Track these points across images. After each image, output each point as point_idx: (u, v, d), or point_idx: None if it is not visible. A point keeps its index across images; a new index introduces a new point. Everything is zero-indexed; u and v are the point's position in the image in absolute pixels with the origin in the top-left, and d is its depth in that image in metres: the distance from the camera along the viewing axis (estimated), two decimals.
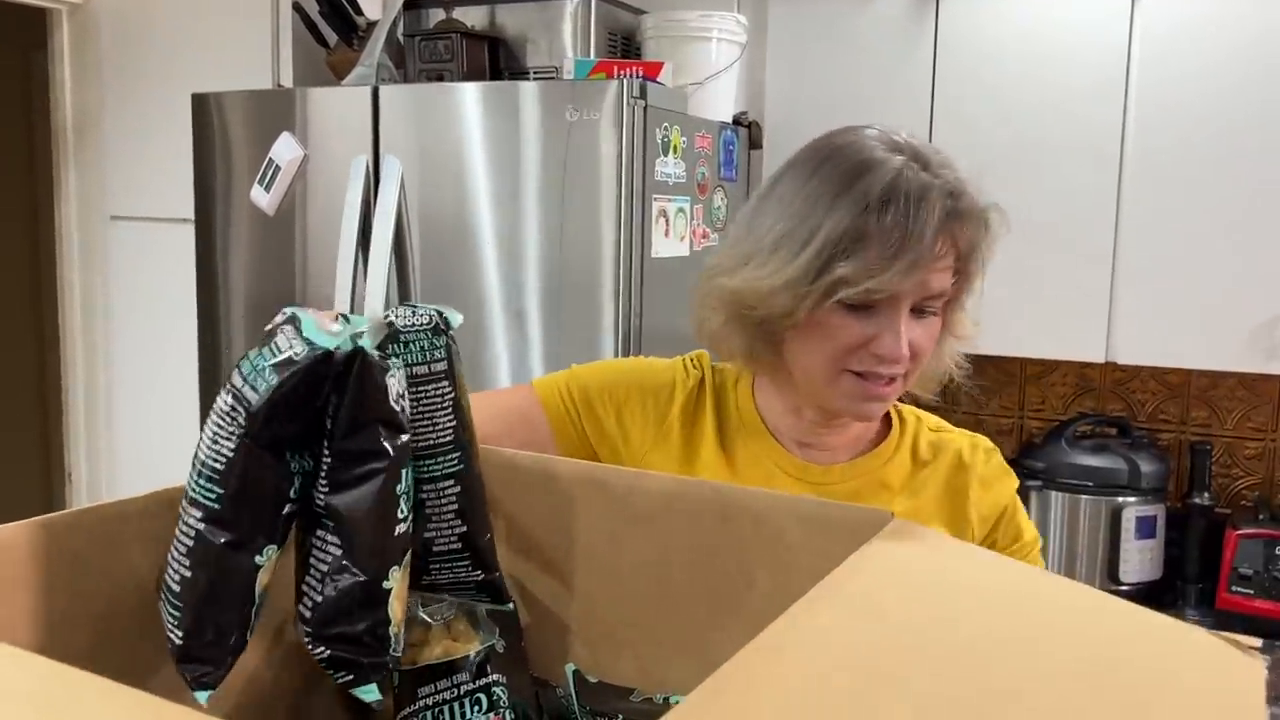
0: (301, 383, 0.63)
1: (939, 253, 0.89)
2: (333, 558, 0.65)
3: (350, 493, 0.64)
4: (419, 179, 2.02)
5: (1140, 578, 2.15)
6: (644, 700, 0.73)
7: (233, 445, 0.63)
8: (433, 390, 0.71)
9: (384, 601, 0.65)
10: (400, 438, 0.66)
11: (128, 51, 2.61)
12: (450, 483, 0.72)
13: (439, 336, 0.71)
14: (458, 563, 0.73)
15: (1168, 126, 2.05)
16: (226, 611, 0.64)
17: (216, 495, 0.63)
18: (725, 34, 2.22)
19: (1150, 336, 2.10)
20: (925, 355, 0.94)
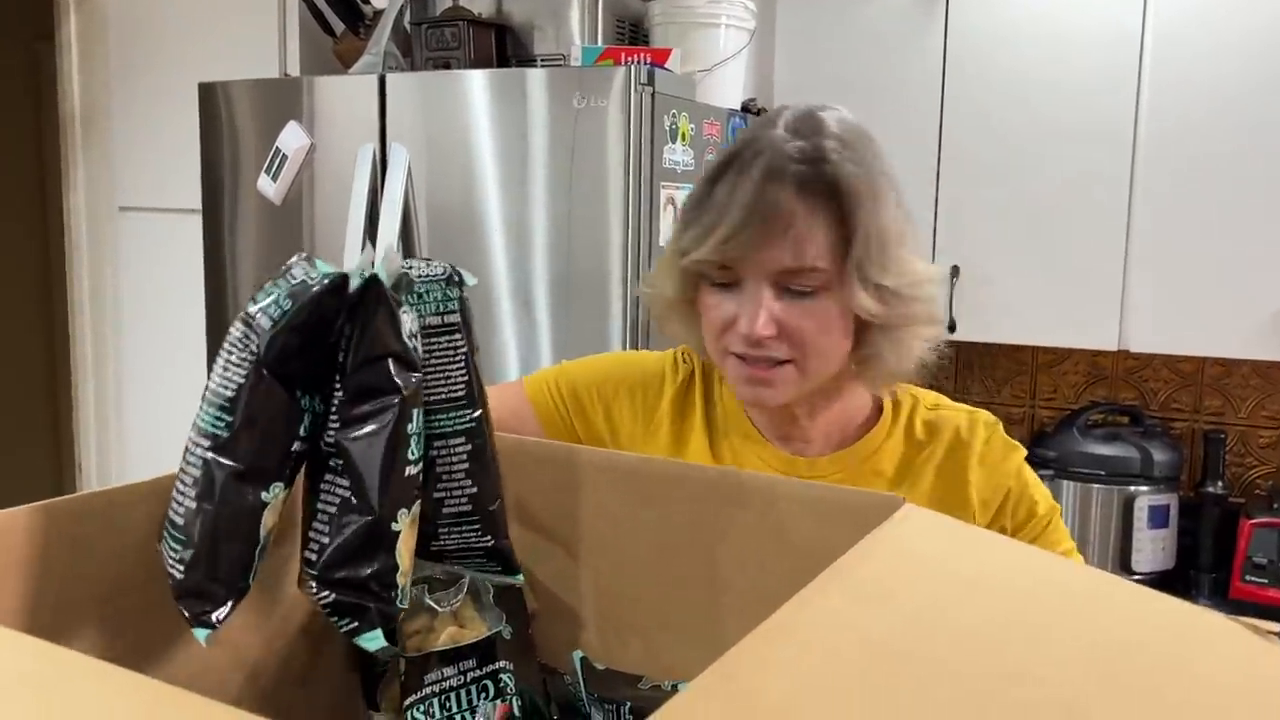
0: (315, 310, 0.62)
1: (783, 223, 0.85)
2: (340, 499, 0.63)
3: (360, 429, 0.63)
4: (426, 167, 2.01)
5: (1153, 567, 2.14)
6: (652, 687, 0.72)
7: (244, 372, 0.62)
8: (445, 342, 0.70)
9: (393, 545, 0.63)
10: (412, 376, 0.64)
11: (135, 41, 2.61)
12: (462, 440, 0.70)
13: (452, 288, 0.71)
14: (467, 527, 0.71)
15: (1181, 112, 2.03)
16: (230, 545, 0.62)
17: (226, 423, 0.62)
18: (734, 20, 2.21)
19: (1163, 324, 2.08)
20: (809, 339, 0.89)
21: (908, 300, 0.89)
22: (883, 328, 0.89)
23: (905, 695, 0.43)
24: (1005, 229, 2.17)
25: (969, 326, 2.22)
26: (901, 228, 0.90)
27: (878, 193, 0.87)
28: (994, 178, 2.17)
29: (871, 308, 0.87)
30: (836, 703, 0.42)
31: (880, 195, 0.88)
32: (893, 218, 0.88)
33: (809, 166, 0.86)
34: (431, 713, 0.72)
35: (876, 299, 0.87)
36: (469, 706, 0.73)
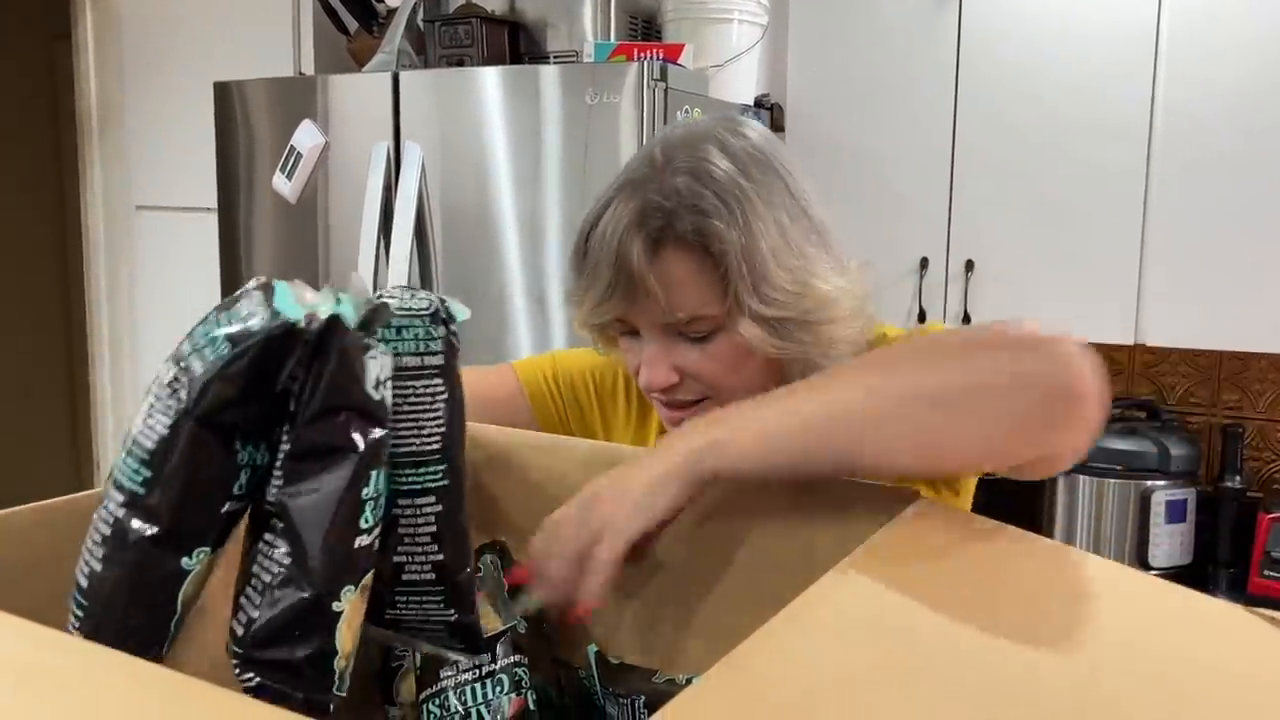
0: (259, 357, 0.53)
1: (647, 285, 0.81)
2: (279, 568, 0.54)
3: (306, 490, 0.54)
4: (440, 164, 2.02)
5: (1170, 562, 2.13)
6: (666, 681, 0.72)
7: (169, 422, 0.54)
8: (422, 388, 0.60)
9: (333, 626, 0.55)
10: (374, 432, 0.55)
11: (150, 40, 2.63)
12: (430, 500, 0.61)
13: (437, 326, 0.61)
14: (428, 597, 0.62)
15: (1196, 105, 2.02)
16: (137, 618, 0.54)
17: (144, 479, 0.54)
18: (746, 15, 2.21)
19: (1180, 318, 2.07)
20: (716, 380, 0.85)
21: (812, 325, 0.84)
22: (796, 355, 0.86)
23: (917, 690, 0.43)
24: (1019, 224, 2.16)
25: (984, 320, 2.21)
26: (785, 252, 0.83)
27: (746, 223, 0.81)
28: (1008, 172, 2.16)
29: (771, 342, 0.83)
30: (848, 697, 0.42)
31: (749, 226, 0.81)
32: (774, 244, 0.82)
33: (664, 221, 0.81)
34: (447, 706, 0.72)
35: (773, 333, 0.83)
36: (484, 700, 0.73)
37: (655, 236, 0.81)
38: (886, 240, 2.26)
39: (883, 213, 2.27)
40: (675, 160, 0.83)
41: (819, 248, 0.86)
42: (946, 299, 2.23)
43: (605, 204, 0.85)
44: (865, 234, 2.28)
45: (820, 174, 2.38)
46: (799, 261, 0.83)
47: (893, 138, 2.25)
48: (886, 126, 2.26)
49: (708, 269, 0.82)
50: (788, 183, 0.86)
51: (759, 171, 0.84)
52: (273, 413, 0.55)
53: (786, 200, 0.84)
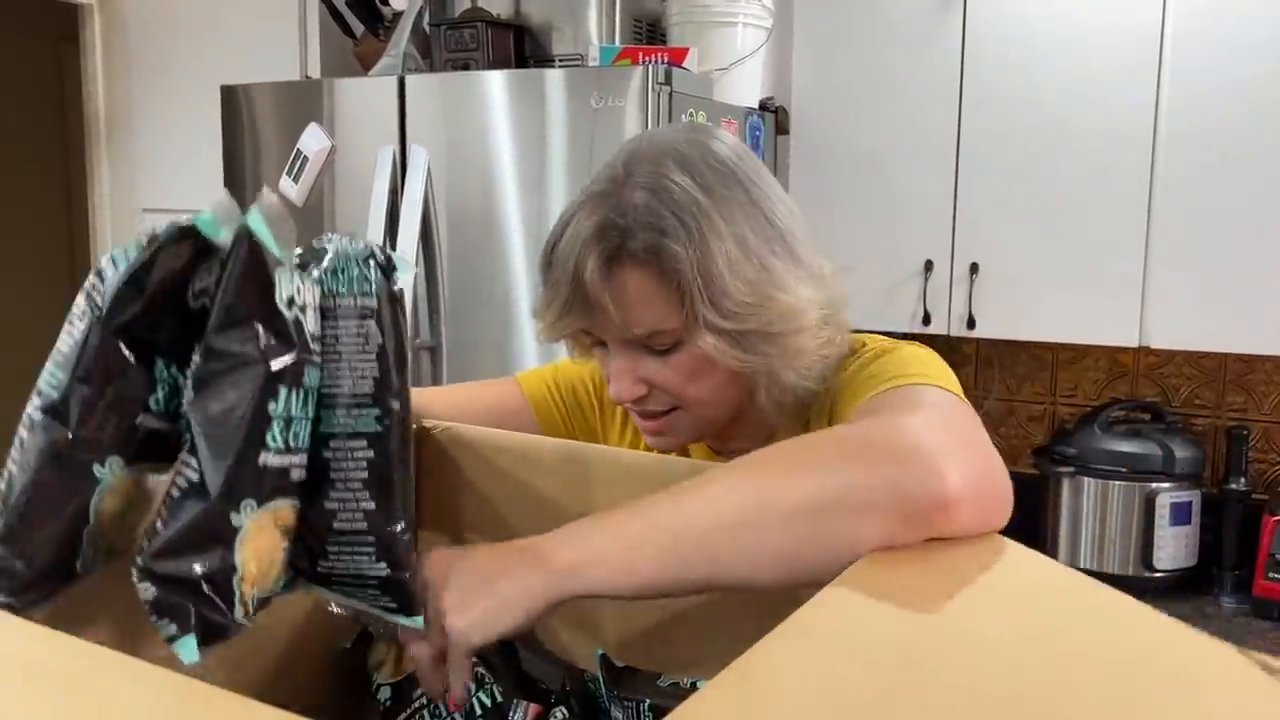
0: (165, 262, 0.53)
1: (603, 303, 0.82)
2: (186, 482, 0.54)
3: (210, 398, 0.53)
4: (446, 168, 2.02)
5: (1175, 564, 2.13)
6: (671, 685, 0.73)
7: (83, 327, 0.55)
8: (355, 329, 0.60)
9: (231, 540, 0.54)
10: (286, 351, 0.54)
11: (157, 44, 2.64)
12: (362, 444, 0.60)
13: (372, 269, 0.61)
14: (359, 549, 0.60)
15: (1201, 108, 2.02)
16: (47, 521, 0.54)
17: (59, 381, 0.54)
18: (751, 19, 2.21)
19: (1184, 320, 2.07)
20: (683, 391, 0.86)
21: (775, 337, 0.83)
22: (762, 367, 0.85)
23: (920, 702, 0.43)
24: (1024, 226, 2.17)
25: (988, 324, 2.21)
26: (744, 264, 0.82)
27: (702, 238, 0.80)
28: (1012, 175, 2.16)
29: (732, 354, 0.83)
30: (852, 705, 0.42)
31: (705, 241, 0.81)
32: (731, 257, 0.81)
33: (619, 239, 0.81)
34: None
35: (734, 344, 0.82)
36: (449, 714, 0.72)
37: (610, 254, 0.81)
38: (891, 243, 2.27)
39: (887, 215, 2.27)
40: (635, 175, 0.83)
41: (785, 258, 0.85)
42: (951, 302, 2.23)
43: (568, 218, 0.85)
44: (869, 237, 2.28)
45: (825, 177, 2.40)
46: (759, 274, 0.83)
47: (897, 140, 2.26)
48: (891, 129, 2.26)
49: (664, 284, 0.82)
50: (751, 194, 0.85)
51: (720, 184, 0.83)
52: (191, 332, 0.55)
53: (749, 212, 0.84)
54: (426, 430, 0.88)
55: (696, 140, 0.87)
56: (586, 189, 0.87)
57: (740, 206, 0.84)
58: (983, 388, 2.51)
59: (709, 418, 0.90)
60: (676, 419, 0.89)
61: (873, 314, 2.26)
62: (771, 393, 0.87)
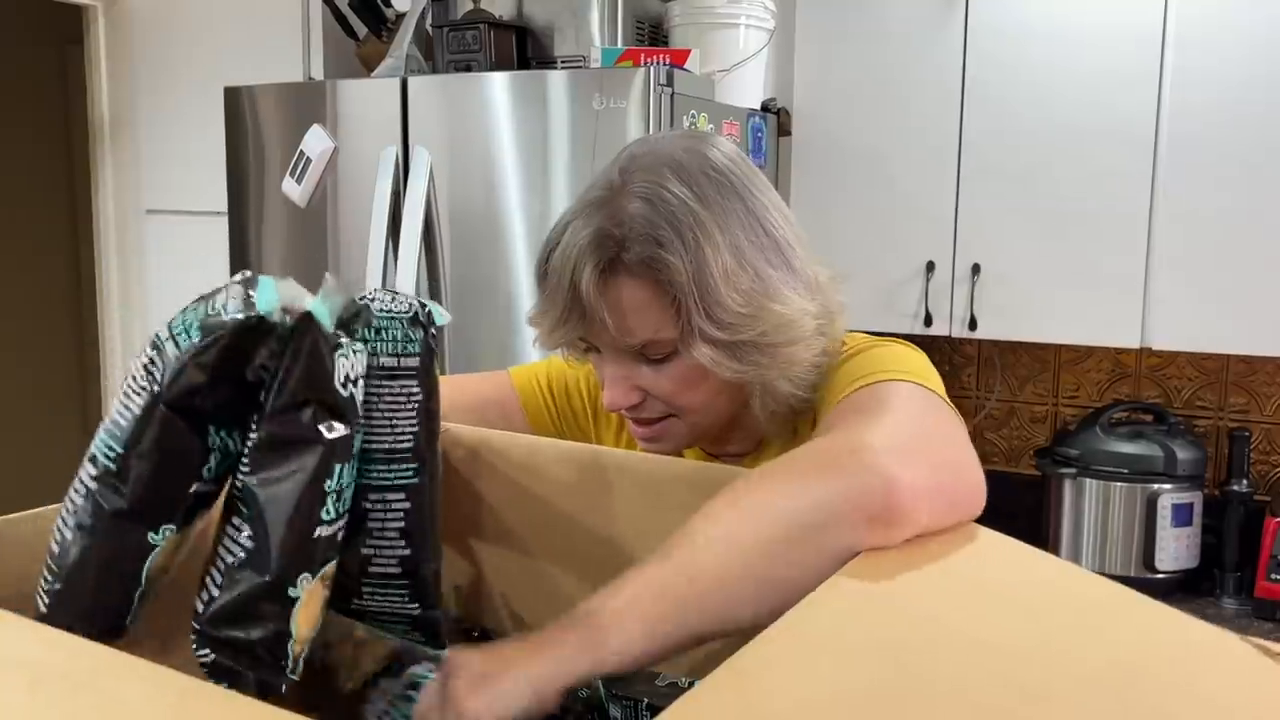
0: (229, 346, 0.55)
1: (599, 313, 0.82)
2: (241, 551, 0.56)
3: (270, 478, 0.56)
4: (448, 169, 2.03)
5: (1177, 566, 2.13)
6: (669, 684, 0.73)
7: (142, 403, 0.56)
8: (398, 388, 0.63)
9: (288, 611, 0.56)
10: (340, 427, 0.57)
11: (161, 46, 2.64)
12: (400, 496, 0.63)
13: (416, 329, 0.63)
14: (393, 590, 0.63)
15: (1203, 108, 2.02)
16: (103, 588, 0.56)
17: (116, 455, 0.56)
18: (753, 20, 2.21)
19: (1186, 321, 2.07)
20: (677, 399, 0.86)
21: (769, 347, 0.83)
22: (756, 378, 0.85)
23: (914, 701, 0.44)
24: (1026, 227, 2.17)
25: (990, 325, 2.21)
26: (739, 274, 0.82)
27: (697, 248, 0.80)
28: (1014, 175, 2.16)
29: (728, 365, 0.83)
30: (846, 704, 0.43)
31: (700, 251, 0.80)
32: (727, 268, 0.81)
33: (615, 249, 0.81)
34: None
35: (729, 355, 0.82)
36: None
37: (605, 265, 0.81)
38: (892, 244, 2.27)
39: (889, 216, 2.27)
40: (632, 183, 0.83)
41: (781, 268, 0.85)
42: (953, 302, 2.23)
43: (564, 225, 0.85)
44: (871, 237, 2.28)
45: (827, 178, 2.40)
46: (754, 284, 0.83)
47: (899, 141, 2.26)
48: (893, 130, 2.26)
49: (659, 295, 0.82)
50: (748, 203, 0.85)
51: (716, 193, 0.83)
52: (245, 400, 0.57)
53: (745, 221, 0.84)
54: None
55: (694, 148, 0.86)
56: (582, 195, 0.87)
57: (736, 216, 0.83)
58: (984, 389, 2.51)
59: (702, 425, 0.90)
60: (670, 426, 0.89)
61: (874, 315, 2.26)
62: (766, 402, 0.87)
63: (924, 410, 0.75)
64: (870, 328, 1.01)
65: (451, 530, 0.88)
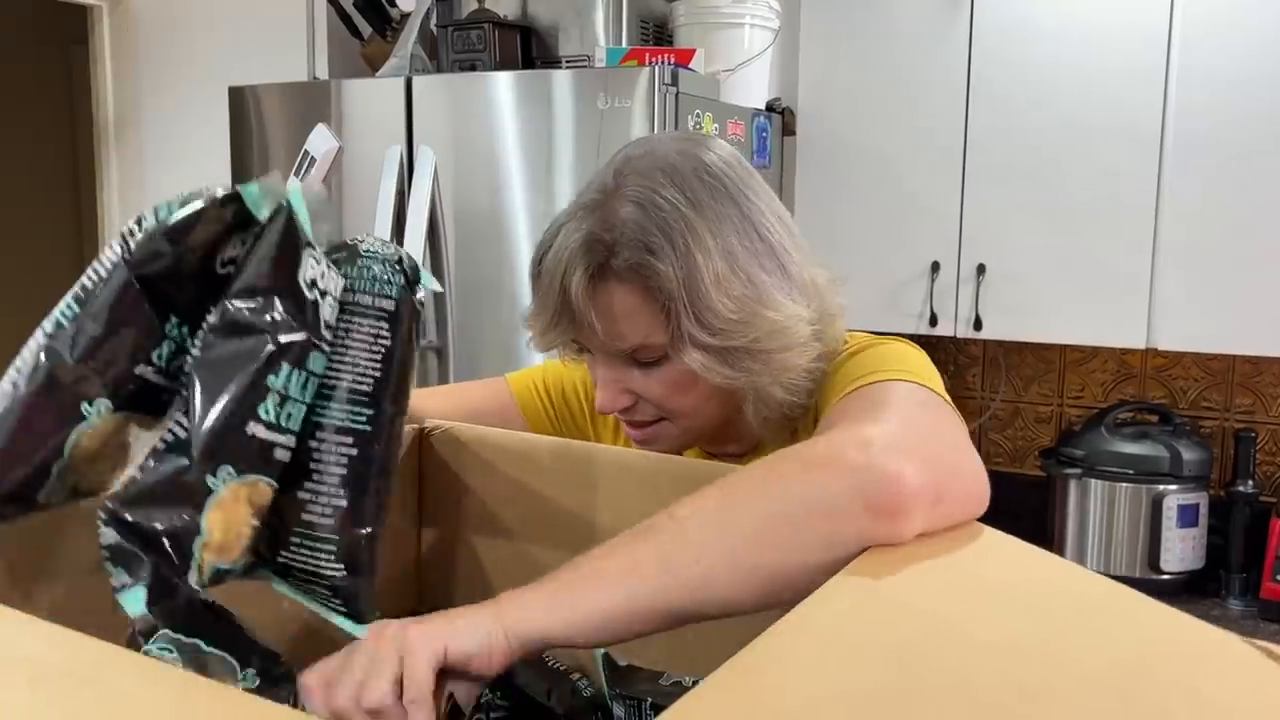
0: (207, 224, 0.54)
1: (588, 318, 0.82)
2: (174, 438, 0.54)
3: (213, 358, 0.54)
4: (452, 169, 2.03)
5: (1182, 567, 2.12)
6: (673, 683, 0.73)
7: (108, 268, 0.56)
8: (368, 327, 0.60)
9: (200, 503, 0.53)
10: (297, 329, 0.55)
11: (166, 46, 2.65)
12: (348, 441, 0.59)
13: (397, 274, 0.62)
14: (321, 545, 0.59)
15: (1209, 107, 2.01)
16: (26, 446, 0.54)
17: (73, 314, 0.55)
18: (758, 19, 2.21)
19: (1192, 322, 2.06)
20: (668, 403, 0.86)
21: (761, 354, 0.83)
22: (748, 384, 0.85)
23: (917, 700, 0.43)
24: (1032, 226, 2.16)
25: (995, 325, 2.21)
26: (731, 280, 0.81)
27: (688, 254, 0.80)
28: (1020, 175, 2.16)
29: (719, 371, 0.82)
30: (851, 703, 0.42)
31: (691, 257, 0.80)
32: (719, 273, 0.80)
33: (604, 254, 0.81)
34: None
35: (720, 361, 0.82)
36: None
37: (595, 269, 0.81)
38: (897, 243, 2.26)
39: (894, 215, 2.27)
40: (625, 187, 0.83)
41: (775, 273, 0.84)
42: (958, 302, 2.23)
43: (558, 228, 0.85)
44: (876, 237, 2.28)
45: (831, 177, 2.40)
46: (746, 289, 0.82)
47: (904, 140, 2.25)
48: (898, 129, 2.26)
49: (649, 301, 0.81)
50: (742, 207, 0.84)
51: (710, 198, 0.83)
52: (210, 297, 0.56)
53: (739, 226, 0.83)
54: (426, 431, 0.88)
55: (690, 151, 0.86)
56: (577, 198, 0.86)
57: (730, 221, 0.83)
58: (989, 389, 2.51)
59: (695, 429, 0.90)
60: (663, 429, 0.89)
61: (879, 315, 2.26)
62: (759, 408, 0.87)
63: (924, 409, 0.75)
64: (875, 327, 1.01)
65: (450, 527, 0.88)
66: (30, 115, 3.68)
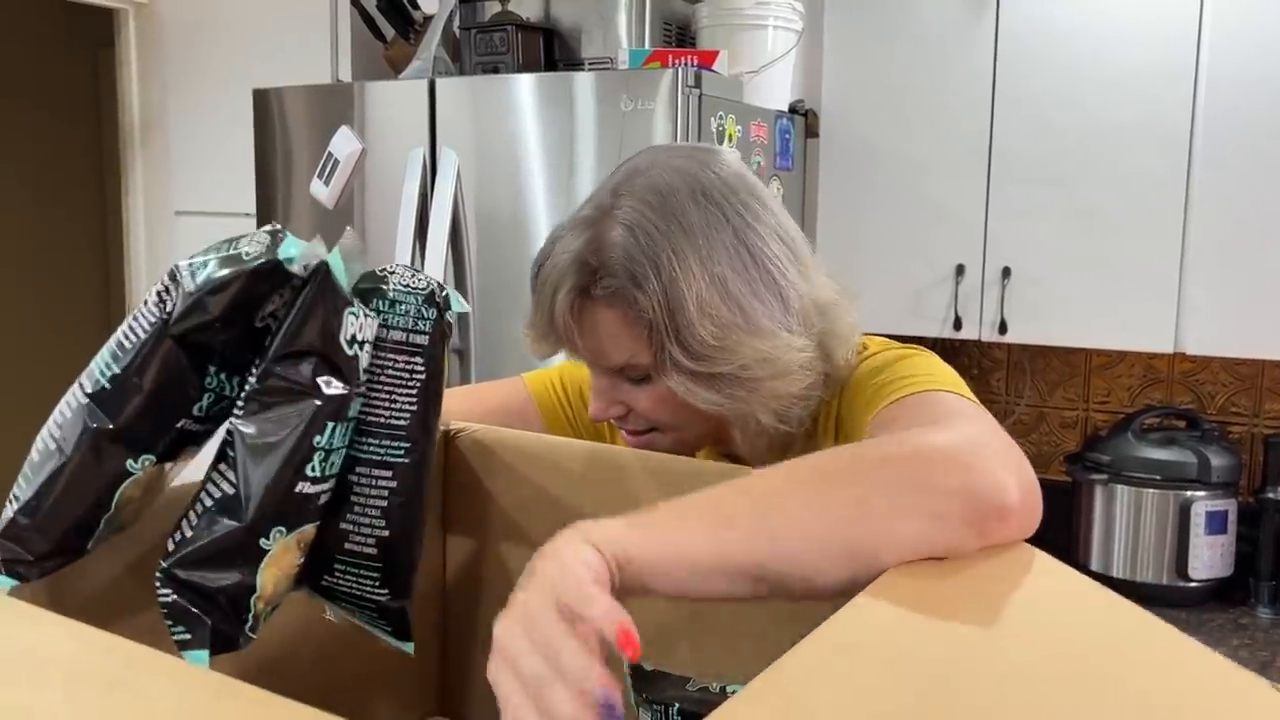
0: (244, 287, 0.55)
1: (574, 337, 0.84)
2: (222, 495, 0.56)
3: (261, 424, 0.55)
4: (475, 171, 2.03)
5: (1210, 574, 2.10)
6: (700, 689, 0.72)
7: (148, 329, 0.56)
8: (403, 364, 0.62)
9: (257, 563, 0.55)
10: (339, 385, 0.56)
11: (191, 49, 2.67)
12: (388, 474, 0.61)
13: (430, 308, 0.63)
14: (365, 572, 0.61)
15: (1240, 108, 1.99)
16: (74, 505, 0.55)
17: (112, 376, 0.56)
18: (781, 21, 2.20)
19: (1220, 326, 2.04)
20: (659, 417, 0.87)
21: (748, 381, 0.82)
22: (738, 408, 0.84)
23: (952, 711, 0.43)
24: (1058, 229, 2.14)
25: (1021, 329, 2.19)
26: (718, 307, 0.80)
27: (672, 280, 0.80)
28: (1045, 177, 2.14)
29: (702, 395, 0.82)
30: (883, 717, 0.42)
31: (676, 283, 0.79)
32: (704, 299, 0.80)
33: (590, 277, 0.82)
34: None
35: (704, 386, 0.81)
36: None
37: (580, 291, 0.82)
38: (922, 246, 2.25)
39: (918, 219, 2.26)
40: (619, 208, 0.83)
41: (769, 300, 0.83)
42: (983, 306, 2.21)
43: (556, 239, 0.86)
44: (900, 240, 2.26)
45: (855, 179, 2.39)
46: (734, 317, 0.81)
47: (929, 143, 2.24)
48: (922, 131, 2.25)
49: (632, 323, 0.82)
50: (739, 232, 0.83)
51: (704, 222, 0.82)
52: (250, 346, 0.57)
53: (732, 252, 0.82)
54: (451, 434, 0.88)
55: (690, 171, 0.85)
56: (579, 207, 0.87)
57: (723, 247, 0.82)
58: (1014, 393, 2.49)
59: (687, 441, 0.91)
60: (656, 439, 0.90)
61: (903, 319, 2.24)
62: (747, 432, 0.87)
63: (991, 422, 0.74)
64: (899, 332, 1.00)
65: (475, 530, 0.88)
66: (57, 117, 3.71)
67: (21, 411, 3.66)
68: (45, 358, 3.73)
